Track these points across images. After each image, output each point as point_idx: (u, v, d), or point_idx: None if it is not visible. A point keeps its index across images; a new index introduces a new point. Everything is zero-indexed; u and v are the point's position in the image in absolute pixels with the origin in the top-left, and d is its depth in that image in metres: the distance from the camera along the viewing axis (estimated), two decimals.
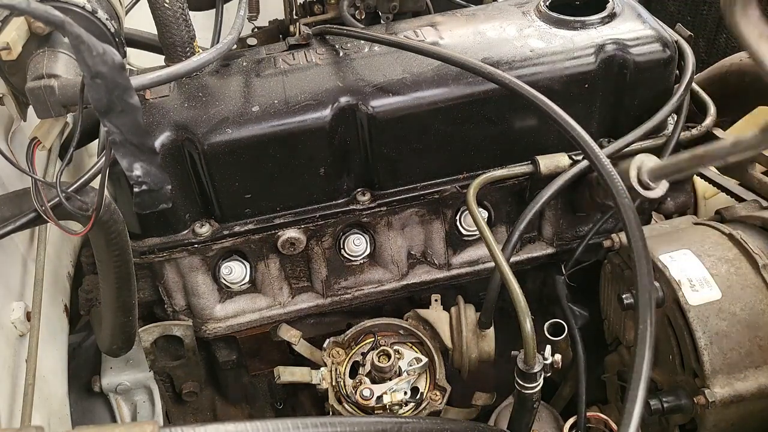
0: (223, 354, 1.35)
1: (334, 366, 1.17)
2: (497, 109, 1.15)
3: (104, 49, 0.61)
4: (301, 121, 1.10)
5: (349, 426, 0.71)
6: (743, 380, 0.98)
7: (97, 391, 1.25)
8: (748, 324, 1.00)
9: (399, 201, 1.20)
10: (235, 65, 1.22)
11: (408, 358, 1.15)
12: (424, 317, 1.22)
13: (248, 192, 1.15)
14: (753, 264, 1.04)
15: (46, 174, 1.20)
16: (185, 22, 1.16)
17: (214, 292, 1.24)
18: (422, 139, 1.15)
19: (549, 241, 1.30)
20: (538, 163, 1.17)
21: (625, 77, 1.16)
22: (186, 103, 1.13)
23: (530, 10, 1.27)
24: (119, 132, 0.66)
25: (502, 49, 1.18)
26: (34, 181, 0.85)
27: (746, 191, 1.26)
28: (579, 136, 0.90)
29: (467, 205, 1.11)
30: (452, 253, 1.28)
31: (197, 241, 1.16)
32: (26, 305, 1.09)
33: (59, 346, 1.22)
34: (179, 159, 1.11)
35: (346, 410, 1.11)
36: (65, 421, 1.17)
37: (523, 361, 0.94)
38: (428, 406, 1.13)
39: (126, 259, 0.97)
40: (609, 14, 1.22)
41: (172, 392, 1.39)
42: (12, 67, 0.88)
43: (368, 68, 1.17)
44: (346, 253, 1.24)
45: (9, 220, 0.89)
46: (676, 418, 1.07)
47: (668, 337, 1.06)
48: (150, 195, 0.72)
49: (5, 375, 1.00)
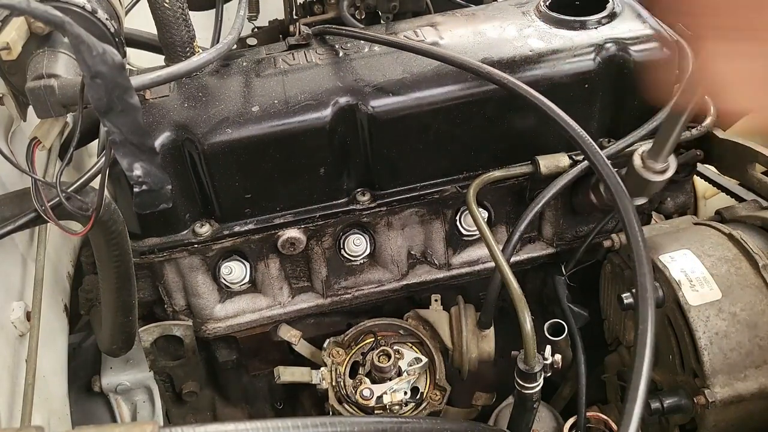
0: (223, 354, 1.35)
1: (334, 366, 1.17)
2: (497, 109, 1.15)
3: (104, 49, 0.61)
4: (301, 121, 1.10)
5: (349, 426, 0.71)
6: (743, 380, 0.98)
7: (97, 391, 1.25)
8: (748, 324, 1.00)
9: (399, 201, 1.20)
10: (235, 65, 1.22)
11: (408, 358, 1.15)
12: (424, 317, 1.22)
13: (248, 192, 1.15)
14: (753, 264, 1.04)
15: (46, 174, 1.20)
16: (185, 22, 1.16)
17: (214, 292, 1.24)
18: (422, 139, 1.15)
19: (549, 241, 1.30)
20: (538, 163, 1.17)
21: (625, 77, 1.16)
22: (186, 103, 1.13)
23: (530, 10, 1.27)
24: (119, 132, 0.66)
25: (502, 49, 1.18)
26: (34, 181, 0.84)
27: (746, 191, 1.26)
28: (579, 136, 0.90)
29: (467, 205, 1.11)
30: (452, 253, 1.28)
31: (197, 241, 1.16)
32: (26, 305, 1.09)
33: (59, 346, 1.22)
34: (179, 159, 1.11)
35: (346, 410, 1.11)
36: (65, 421, 1.17)
37: (523, 361, 0.94)
38: (428, 406, 1.13)
39: (126, 259, 0.97)
40: (609, 14, 1.22)
41: (172, 392, 1.39)
42: (12, 67, 0.88)
43: (368, 68, 1.17)
44: (346, 253, 1.24)
45: (9, 220, 0.89)
46: (676, 418, 1.07)
47: (668, 337, 1.06)
48: (150, 195, 0.72)
49: (5, 375, 1.00)
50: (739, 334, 0.99)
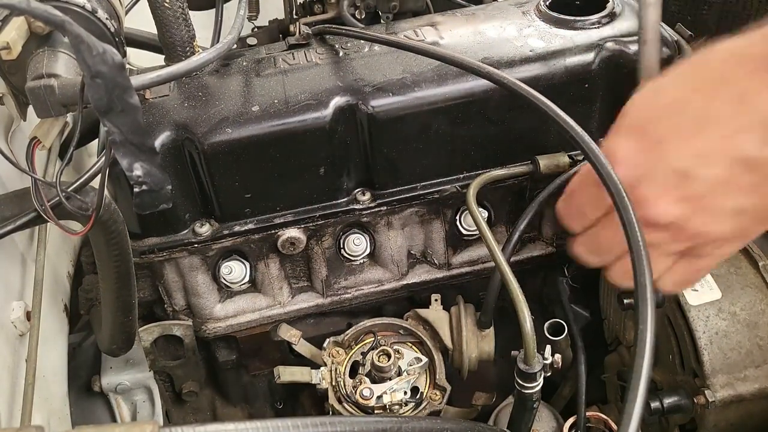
0: (223, 354, 1.35)
1: (334, 366, 1.17)
2: (497, 109, 1.15)
3: (104, 49, 0.61)
4: (301, 121, 1.10)
5: (349, 426, 0.71)
6: (743, 380, 0.98)
7: (97, 391, 1.25)
8: (748, 324, 1.00)
9: (399, 201, 1.20)
10: (235, 65, 1.22)
11: (408, 358, 1.15)
12: (424, 317, 1.22)
13: (248, 192, 1.15)
14: (753, 264, 1.04)
15: (46, 174, 1.20)
16: (185, 21, 1.16)
17: (214, 292, 1.24)
18: (422, 139, 1.15)
19: (549, 241, 1.30)
20: (538, 163, 1.17)
21: (625, 77, 1.16)
22: (186, 103, 1.13)
23: (530, 10, 1.27)
24: (119, 132, 0.66)
25: (502, 48, 1.18)
26: (34, 181, 0.84)
27: None
28: (578, 136, 0.89)
29: (467, 205, 1.11)
30: (452, 253, 1.28)
31: (197, 241, 1.16)
32: (26, 305, 1.09)
33: (59, 345, 1.22)
34: (179, 159, 1.11)
35: (346, 410, 1.11)
36: (65, 420, 1.17)
37: (523, 361, 0.94)
38: (428, 406, 1.13)
39: (126, 259, 0.96)
40: (609, 14, 1.22)
41: (172, 392, 1.39)
42: (12, 66, 0.88)
43: (368, 68, 1.17)
44: (346, 253, 1.24)
45: (9, 219, 0.89)
46: (676, 418, 1.07)
47: (668, 337, 1.06)
48: (150, 195, 0.72)
49: (5, 375, 1.00)
50: (739, 333, 0.99)
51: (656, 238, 0.79)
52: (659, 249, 0.81)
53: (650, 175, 0.78)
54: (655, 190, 0.78)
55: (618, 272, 0.90)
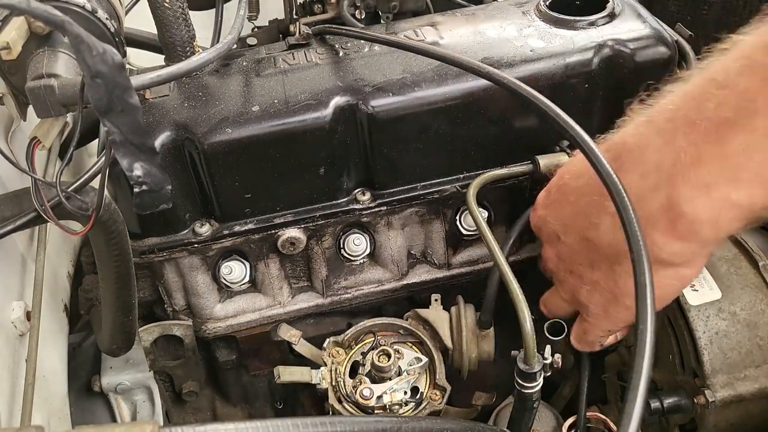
0: (223, 354, 1.34)
1: (334, 366, 1.17)
2: (497, 109, 1.15)
3: (104, 49, 0.61)
4: (301, 121, 1.10)
5: (349, 426, 0.71)
6: (743, 380, 0.98)
7: (97, 391, 1.25)
8: (748, 324, 1.00)
9: (399, 201, 1.20)
10: (235, 65, 1.22)
11: (408, 358, 1.15)
12: (424, 317, 1.21)
13: (248, 192, 1.15)
14: (753, 264, 1.04)
15: (46, 174, 1.20)
16: (185, 21, 1.16)
17: (214, 292, 1.24)
18: (422, 139, 1.15)
19: None
20: (538, 163, 1.17)
21: (625, 77, 1.16)
22: (186, 103, 1.13)
23: (530, 10, 1.27)
24: (119, 132, 0.66)
25: (502, 48, 1.18)
26: (34, 181, 0.84)
27: None
28: (578, 136, 0.89)
29: (467, 205, 1.11)
30: (452, 253, 1.28)
31: (197, 241, 1.16)
32: (26, 305, 1.09)
33: (59, 345, 1.22)
34: (179, 159, 1.11)
35: (346, 410, 1.11)
36: (65, 420, 1.17)
37: (523, 361, 0.94)
38: (428, 406, 1.13)
39: (126, 259, 0.96)
40: (609, 14, 1.22)
41: (172, 392, 1.39)
42: (12, 66, 0.88)
43: (368, 68, 1.17)
44: (346, 253, 1.24)
45: (9, 219, 0.89)
46: (676, 418, 1.07)
47: (668, 337, 1.06)
48: (150, 195, 0.72)
49: (5, 375, 1.00)
50: (739, 333, 0.99)
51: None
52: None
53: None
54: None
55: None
